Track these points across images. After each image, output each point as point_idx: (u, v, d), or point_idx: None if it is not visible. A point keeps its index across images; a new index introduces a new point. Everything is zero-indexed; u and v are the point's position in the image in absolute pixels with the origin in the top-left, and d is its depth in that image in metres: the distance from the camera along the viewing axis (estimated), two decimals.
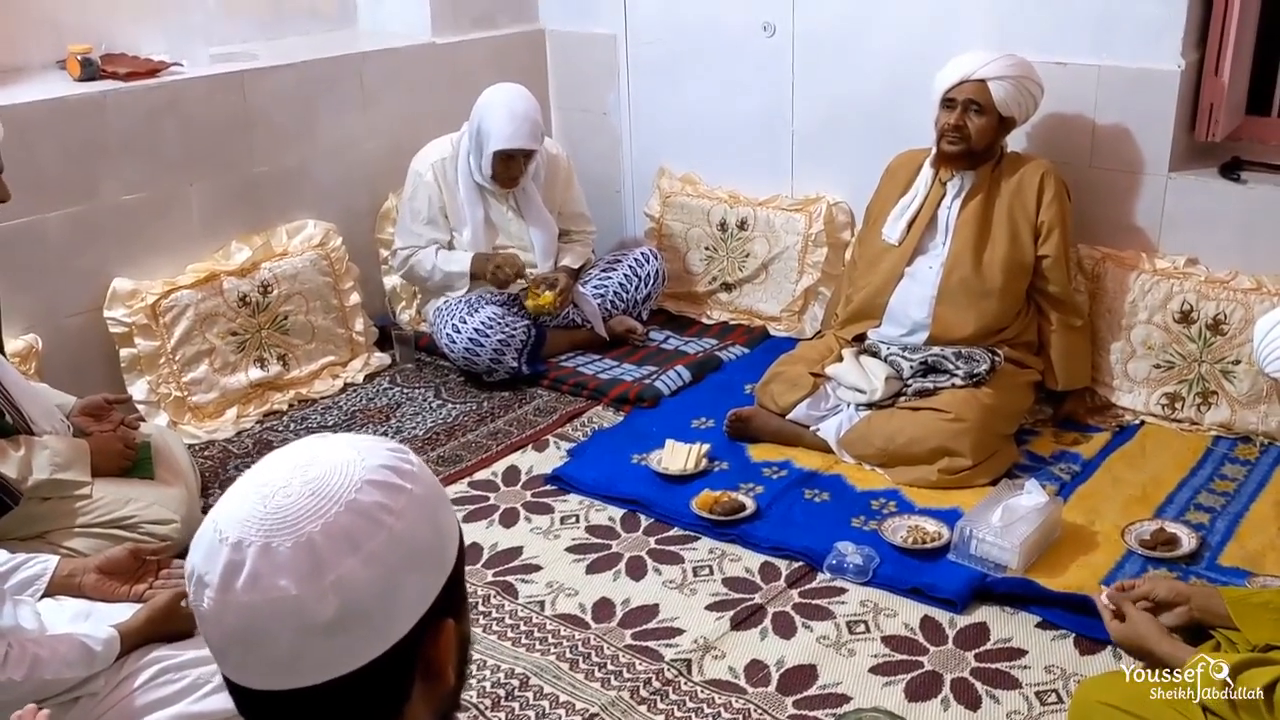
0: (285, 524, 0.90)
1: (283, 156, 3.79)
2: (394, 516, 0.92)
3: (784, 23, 3.93)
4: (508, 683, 2.37)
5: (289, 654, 0.89)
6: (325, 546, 0.89)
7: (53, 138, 3.18)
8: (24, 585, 2.08)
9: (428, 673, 0.97)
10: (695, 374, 3.71)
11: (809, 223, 3.97)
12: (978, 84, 3.14)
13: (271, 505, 0.91)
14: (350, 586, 0.89)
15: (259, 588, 0.88)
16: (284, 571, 0.88)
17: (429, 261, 3.79)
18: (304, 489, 0.91)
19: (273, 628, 0.89)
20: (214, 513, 0.94)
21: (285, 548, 0.89)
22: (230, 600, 0.89)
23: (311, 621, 0.88)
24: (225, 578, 0.89)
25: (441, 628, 0.96)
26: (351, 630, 0.90)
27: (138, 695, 1.93)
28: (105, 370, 3.39)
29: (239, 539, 0.90)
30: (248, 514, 0.91)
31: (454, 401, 3.66)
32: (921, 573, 2.64)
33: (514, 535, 2.92)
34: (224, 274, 3.57)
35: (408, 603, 0.93)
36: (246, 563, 0.89)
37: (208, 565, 0.91)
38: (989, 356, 3.17)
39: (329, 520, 0.90)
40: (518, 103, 3.66)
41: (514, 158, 3.67)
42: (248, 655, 0.91)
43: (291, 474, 0.93)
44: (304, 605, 0.88)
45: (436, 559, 0.96)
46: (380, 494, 0.92)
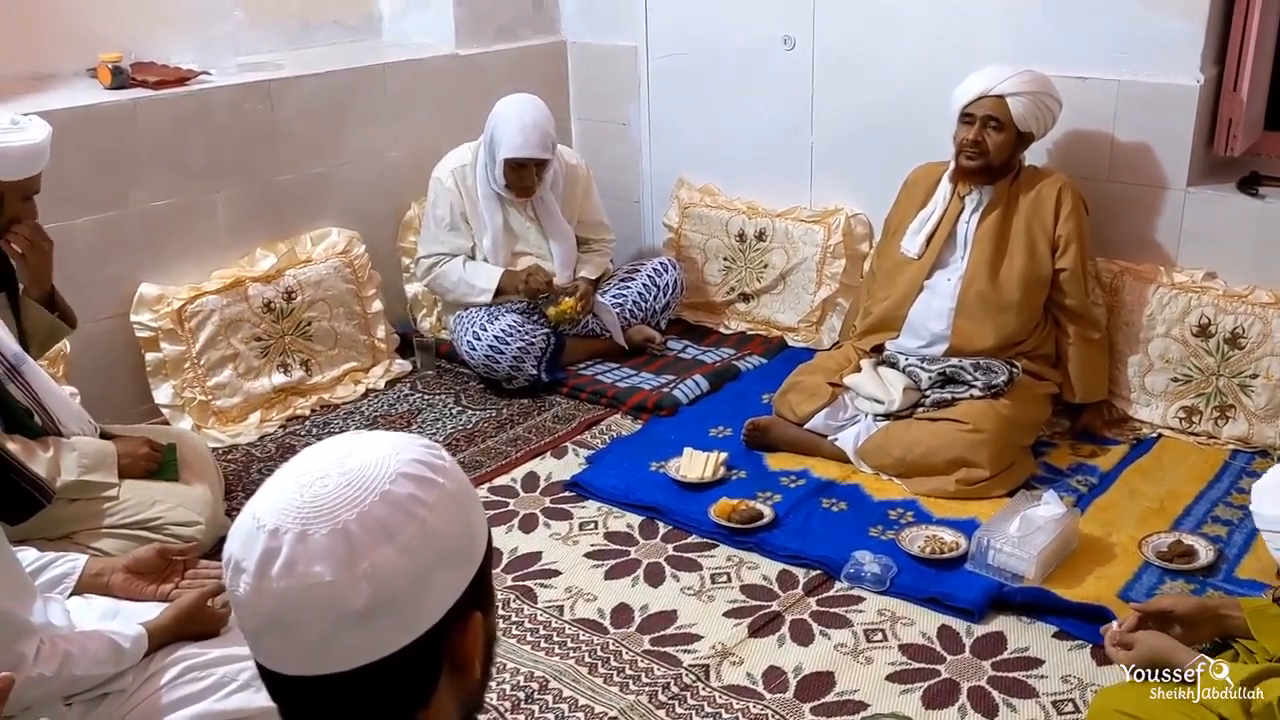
0: (321, 513, 0.92)
1: (308, 165, 3.83)
2: (426, 509, 0.94)
3: (804, 36, 3.96)
4: (527, 685, 2.39)
5: (321, 640, 0.91)
6: (360, 535, 0.91)
7: (83, 145, 3.23)
8: (53, 583, 2.10)
9: (455, 665, 0.99)
10: (713, 383, 3.73)
11: (827, 234, 3.99)
12: (996, 99, 3.16)
13: (308, 495, 0.93)
14: (383, 575, 0.91)
15: (295, 574, 0.90)
16: (319, 558, 0.90)
17: (455, 273, 3.83)
18: (340, 479, 0.94)
19: (306, 614, 0.91)
20: (252, 502, 0.97)
21: (321, 535, 0.91)
22: (266, 586, 0.91)
23: (344, 608, 0.90)
24: (262, 564, 0.91)
25: (469, 621, 0.98)
26: (382, 618, 0.91)
27: (164, 692, 1.95)
28: (131, 374, 3.44)
29: (276, 526, 0.92)
30: (285, 503, 0.93)
31: (474, 408, 3.70)
32: (939, 582, 2.65)
33: (533, 540, 2.95)
34: (249, 280, 3.61)
35: (437, 594, 0.95)
36: (283, 549, 0.91)
37: (245, 552, 0.93)
38: (1007, 368, 3.19)
39: (364, 510, 0.92)
40: (528, 113, 3.70)
41: (525, 167, 3.71)
42: (282, 641, 0.93)
43: (329, 465, 0.95)
44: (338, 592, 0.90)
45: (466, 553, 0.98)
46: (414, 486, 0.95)
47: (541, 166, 3.75)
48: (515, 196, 3.79)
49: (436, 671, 0.98)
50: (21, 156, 2.58)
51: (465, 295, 3.84)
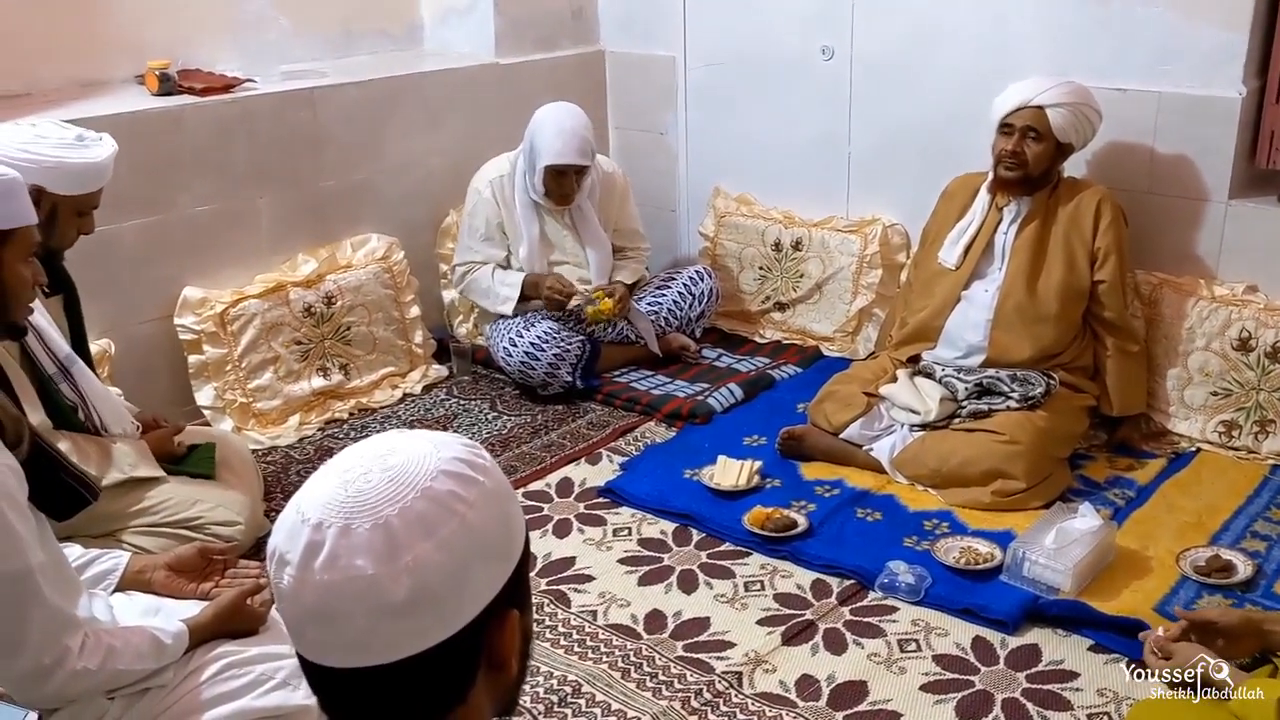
0: (364, 507, 0.94)
1: (349, 171, 3.88)
2: (466, 506, 0.96)
3: (842, 47, 3.97)
4: (560, 689, 2.41)
5: (362, 632, 0.93)
6: (401, 530, 0.93)
7: (130, 150, 3.26)
8: (97, 579, 2.14)
9: (492, 662, 1.00)
10: (748, 392, 3.74)
11: (864, 244, 3.99)
12: (1036, 110, 3.15)
13: (352, 490, 0.95)
14: (423, 569, 0.93)
15: (337, 567, 0.92)
16: (361, 552, 0.92)
17: (484, 281, 3.87)
18: (383, 475, 0.96)
19: (348, 606, 0.92)
20: (297, 496, 0.99)
21: (364, 529, 0.93)
22: (309, 578, 0.93)
23: (385, 601, 0.92)
24: (305, 557, 0.93)
25: (506, 618, 1.00)
26: (422, 612, 0.93)
27: (204, 689, 1.98)
28: (173, 376, 3.49)
29: (319, 520, 0.94)
30: (329, 497, 0.95)
31: (509, 414, 3.72)
32: (974, 593, 2.64)
33: (567, 546, 2.96)
34: (290, 285, 3.66)
35: (475, 590, 0.97)
36: (326, 543, 0.93)
37: (289, 545, 0.95)
38: (1044, 380, 3.17)
39: (405, 505, 0.94)
40: (567, 120, 3.73)
41: (565, 174, 3.73)
42: (323, 633, 0.94)
43: (372, 461, 0.98)
44: (379, 585, 0.92)
45: (504, 550, 1.00)
46: (454, 483, 0.97)
47: (581, 174, 3.78)
48: (554, 205, 3.81)
49: (474, 668, 0.99)
50: (80, 173, 2.62)
51: (492, 304, 3.87)
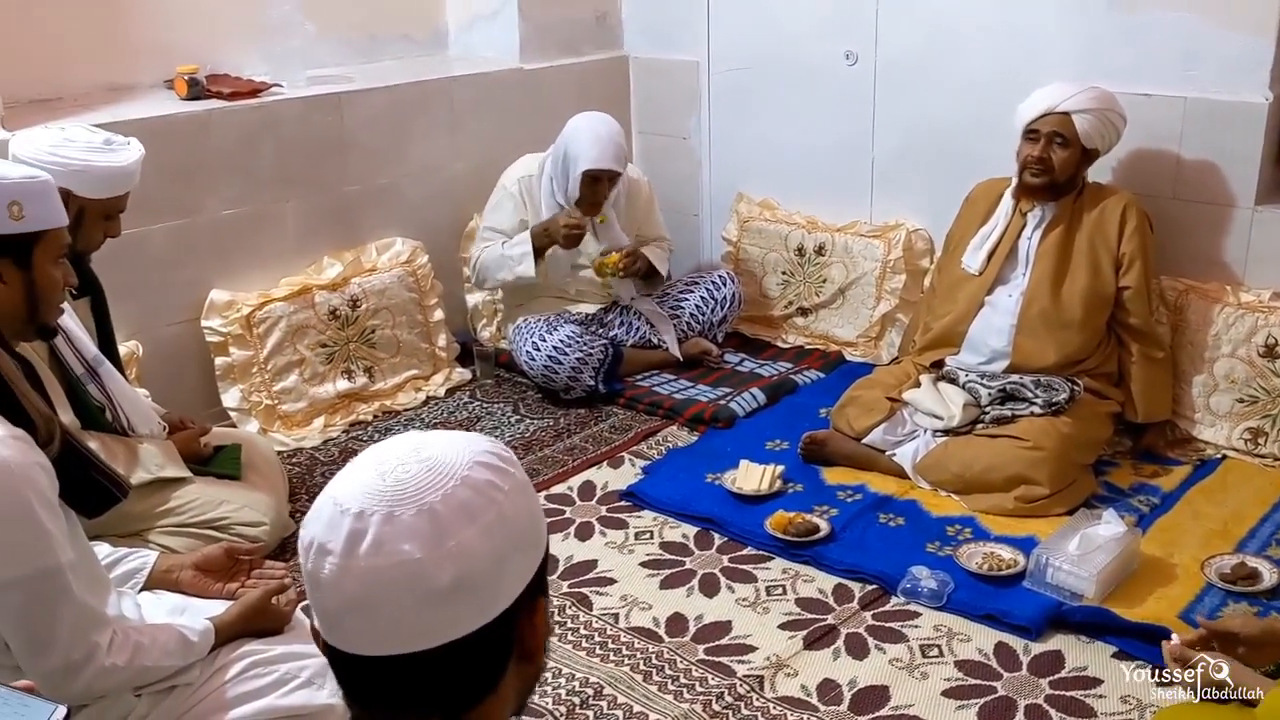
0: (406, 495, 0.95)
1: (374, 175, 3.91)
2: (502, 495, 0.98)
3: (866, 52, 3.97)
4: (582, 691, 2.41)
5: (404, 618, 0.94)
6: (446, 515, 0.94)
7: (159, 154, 3.29)
8: (125, 578, 2.17)
9: (523, 652, 1.02)
10: (770, 396, 3.74)
11: (888, 249, 3.99)
12: (1061, 116, 3.15)
13: (391, 479, 0.96)
14: (467, 555, 0.94)
15: (383, 552, 0.93)
16: (407, 537, 0.93)
17: (494, 252, 3.86)
18: (421, 466, 0.97)
19: (393, 591, 0.93)
20: (330, 490, 0.99)
21: (408, 516, 0.94)
22: (353, 565, 0.94)
23: (430, 586, 0.93)
24: (349, 544, 0.94)
25: (536, 607, 1.02)
26: (464, 598, 0.94)
27: (229, 687, 2.00)
28: (200, 377, 3.52)
29: (361, 509, 0.95)
30: (368, 487, 0.96)
31: (531, 417, 3.73)
32: (996, 599, 2.64)
33: (589, 549, 2.97)
34: (316, 288, 3.69)
35: (511, 577, 0.98)
36: (370, 530, 0.93)
37: (329, 534, 0.95)
38: (1068, 386, 3.16)
39: (448, 492, 0.95)
40: (602, 127, 3.75)
41: (600, 180, 3.75)
42: (365, 620, 0.95)
43: (406, 454, 0.99)
44: (425, 569, 0.93)
45: (534, 538, 1.02)
46: (490, 473, 0.99)
47: (613, 181, 3.79)
48: (584, 213, 3.82)
49: (507, 657, 1.01)
50: (106, 177, 2.65)
51: (509, 272, 3.83)
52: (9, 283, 1.83)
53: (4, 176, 1.84)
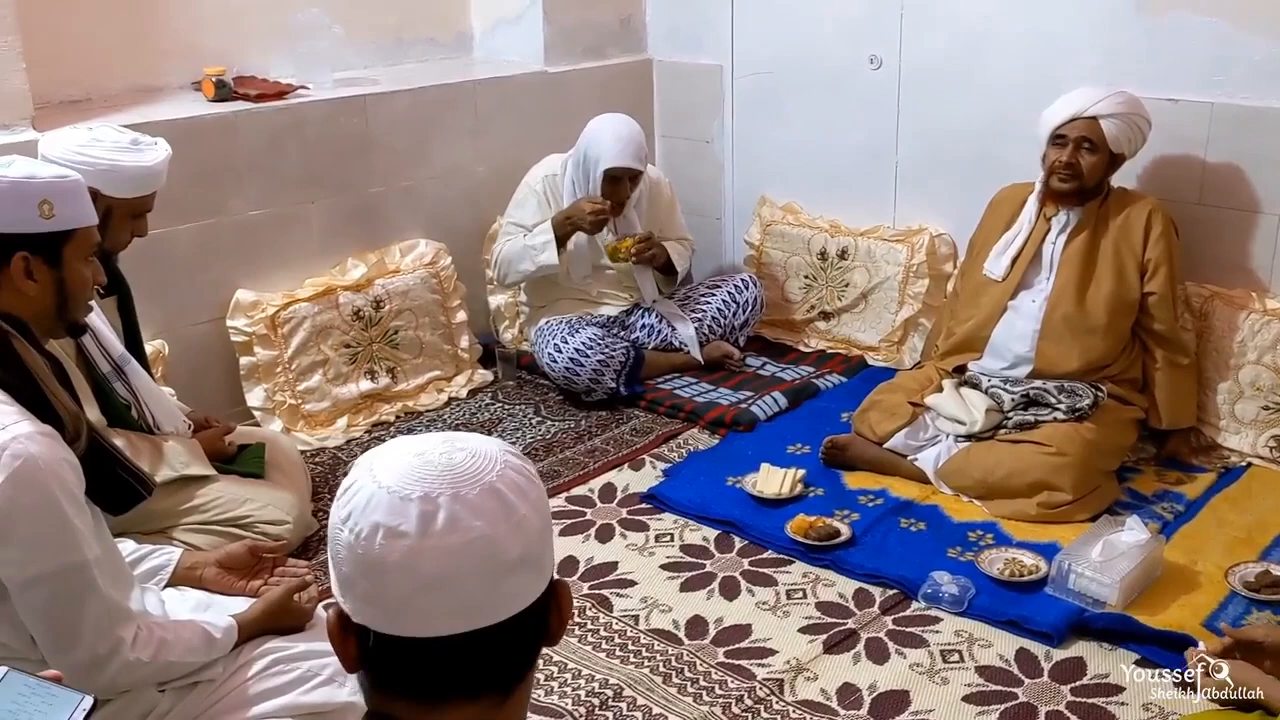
0: (465, 477, 0.99)
1: (398, 177, 3.93)
2: (536, 481, 1.04)
3: (890, 56, 3.96)
4: (602, 692, 2.42)
5: (480, 591, 0.97)
6: (506, 492, 0.99)
7: (186, 155, 3.32)
8: (149, 574, 2.18)
9: (551, 634, 1.07)
10: (792, 400, 3.73)
11: (910, 254, 3.98)
12: (1089, 121, 3.13)
13: (443, 465, 0.99)
14: (527, 528, 0.99)
15: (459, 528, 0.96)
16: (478, 513, 0.97)
17: (515, 245, 3.85)
18: (465, 454, 1.01)
19: (470, 566, 0.96)
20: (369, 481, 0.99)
21: (474, 494, 0.98)
22: (428, 544, 0.95)
23: (503, 559, 0.97)
24: (423, 524, 0.96)
25: (561, 587, 1.06)
26: (527, 570, 1.00)
27: (251, 684, 2.01)
28: (225, 377, 3.55)
29: (426, 492, 0.97)
30: (423, 473, 0.98)
31: (553, 419, 3.74)
32: (1018, 605, 2.63)
33: (609, 550, 2.98)
34: (340, 289, 3.71)
35: (550, 555, 1.05)
36: (441, 510, 0.96)
37: (396, 518, 0.96)
38: (1092, 392, 3.15)
39: (499, 473, 1.00)
40: (623, 127, 3.77)
41: (620, 181, 3.76)
42: (438, 599, 0.96)
43: (443, 445, 1.02)
44: (498, 542, 0.97)
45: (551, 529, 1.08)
46: (519, 461, 1.04)
47: (634, 181, 3.80)
48: (611, 214, 3.83)
49: (545, 633, 1.05)
50: (133, 176, 2.66)
51: (531, 262, 3.82)
52: (39, 281, 1.85)
53: (35, 176, 1.85)
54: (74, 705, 1.32)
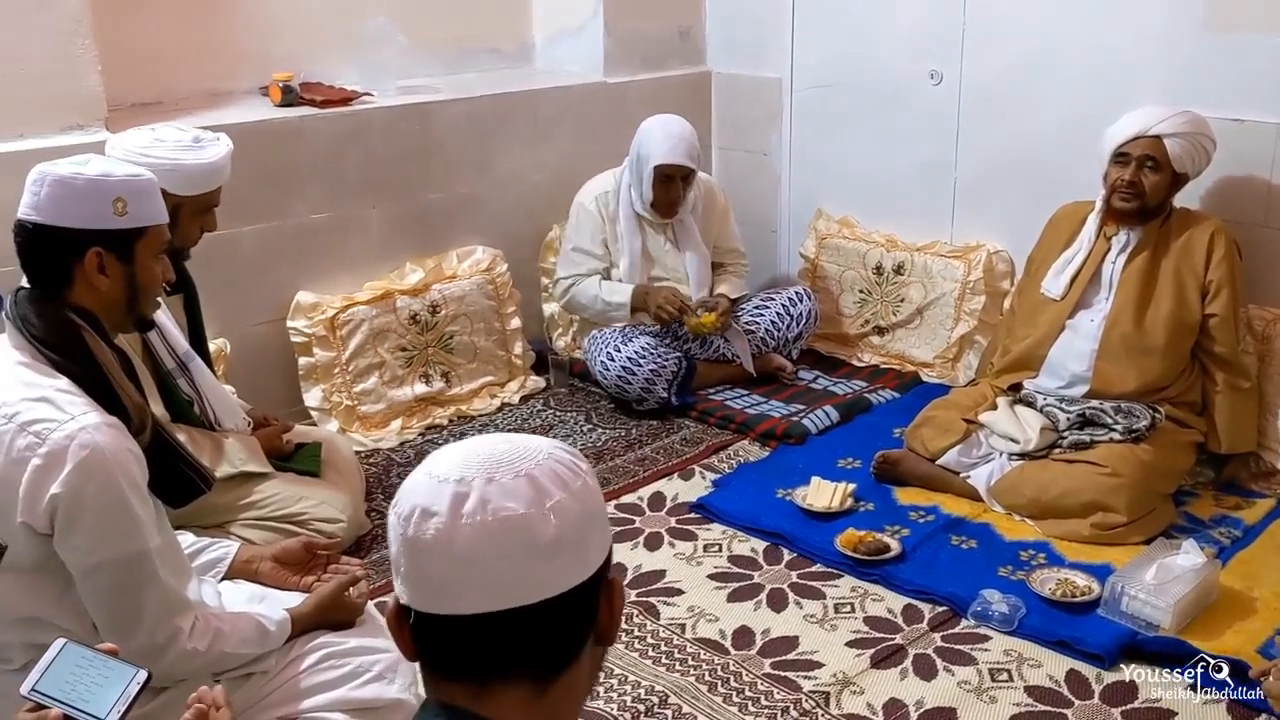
0: (503, 464, 1.03)
1: (457, 184, 3.98)
2: (584, 473, 1.07)
3: (951, 71, 3.95)
4: (647, 699, 2.43)
5: (511, 572, 1.00)
6: (542, 479, 1.02)
7: (252, 158, 3.40)
8: (207, 567, 2.23)
9: (599, 631, 1.08)
10: (843, 414, 3.72)
11: (968, 270, 3.96)
12: (1153, 140, 3.09)
13: (485, 453, 1.04)
14: (565, 513, 1.01)
15: (489, 509, 1.00)
16: (510, 496, 1.00)
17: (591, 290, 3.92)
18: (510, 445, 1.06)
19: (501, 545, 0.99)
20: (423, 469, 1.05)
21: (508, 479, 1.01)
22: (459, 524, 0.99)
23: (535, 540, 1.00)
24: (454, 504, 1.00)
25: (614, 585, 1.08)
26: (563, 554, 1.01)
27: (303, 677, 2.04)
28: (284, 376, 3.61)
29: (461, 476, 1.02)
30: (464, 461, 1.03)
31: (604, 427, 3.76)
32: (1069, 626, 2.60)
33: (657, 559, 2.99)
34: (398, 293, 3.76)
35: (596, 544, 1.05)
36: (473, 492, 1.00)
37: (431, 500, 1.01)
38: (1149, 413, 3.11)
39: (539, 462, 1.04)
40: (673, 125, 3.80)
41: (672, 179, 3.78)
42: (470, 576, 0.99)
43: (493, 440, 1.07)
44: (531, 523, 1.00)
45: (606, 520, 1.10)
46: (570, 456, 1.08)
47: (687, 181, 3.82)
48: (660, 216, 3.86)
49: (589, 626, 1.06)
50: (196, 174, 2.70)
51: (602, 312, 3.91)
52: (111, 276, 1.90)
53: (109, 174, 1.90)
54: (129, 678, 1.36)
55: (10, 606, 1.85)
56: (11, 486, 1.76)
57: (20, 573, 1.83)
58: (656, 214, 3.86)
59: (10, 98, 3.04)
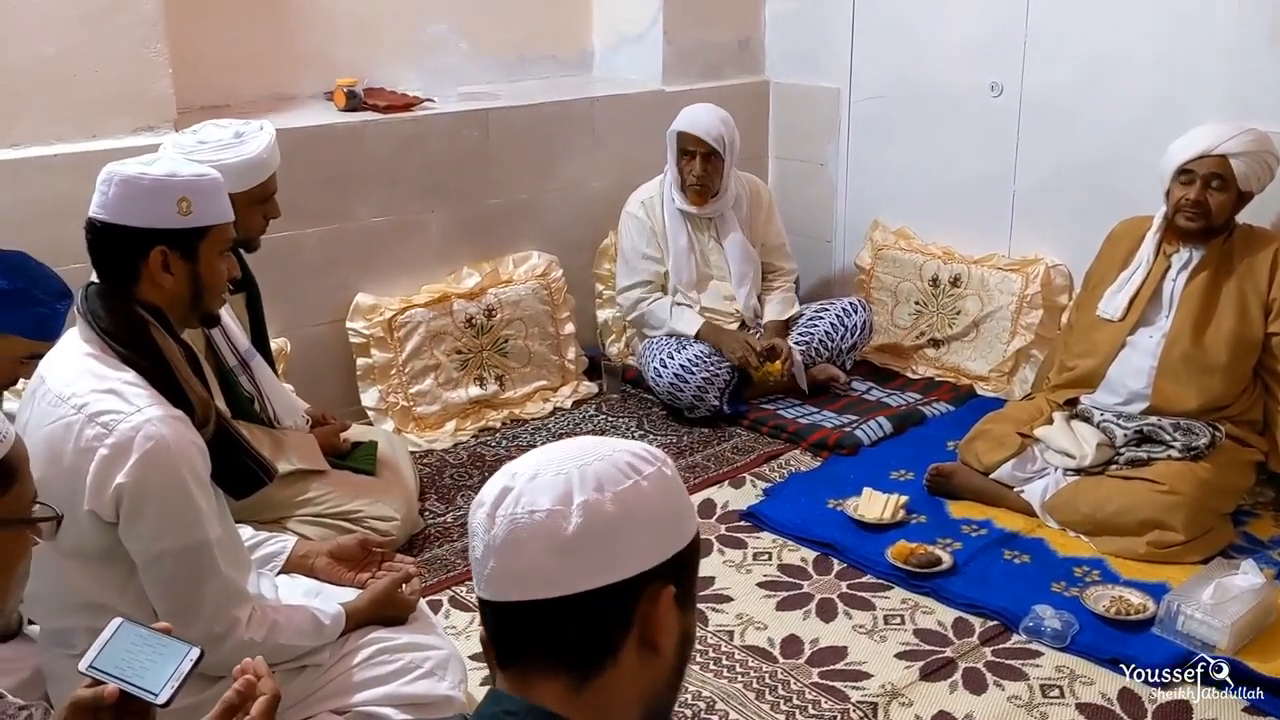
0: (552, 462, 1.08)
1: (515, 190, 4.02)
2: (641, 477, 1.07)
3: (1011, 83, 3.92)
4: (694, 704, 2.43)
5: (535, 565, 1.04)
6: (578, 480, 1.06)
7: (316, 161, 3.48)
8: (265, 560, 2.27)
9: (644, 637, 1.05)
10: (897, 426, 3.70)
11: (1025, 283, 3.92)
12: (1219, 159, 3.04)
13: (547, 453, 1.11)
14: (592, 512, 1.04)
15: (521, 503, 1.05)
16: (542, 493, 1.05)
17: (661, 314, 3.93)
18: (574, 445, 1.12)
19: (525, 537, 1.04)
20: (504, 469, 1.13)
21: (547, 477, 1.06)
22: (496, 514, 1.06)
23: (556, 536, 1.03)
24: (498, 497, 1.07)
25: (660, 593, 1.05)
26: (586, 552, 1.03)
27: (356, 671, 2.08)
28: (342, 376, 3.66)
29: (515, 472, 1.09)
30: (532, 458, 1.11)
31: (655, 433, 3.78)
32: (1123, 644, 2.57)
33: (707, 566, 2.99)
34: (454, 296, 3.81)
35: (636, 549, 1.05)
36: (516, 487, 1.07)
37: (488, 491, 1.09)
38: (1209, 431, 3.06)
39: (585, 465, 1.07)
40: (702, 108, 3.89)
41: (693, 156, 3.81)
42: (504, 564, 1.05)
43: (578, 439, 1.14)
44: (553, 520, 1.04)
45: (670, 528, 1.08)
46: (634, 459, 1.09)
47: (710, 164, 3.82)
48: (691, 202, 3.87)
49: (624, 630, 1.05)
50: (243, 169, 2.70)
51: (666, 333, 3.93)
52: (175, 274, 1.93)
53: (175, 174, 1.94)
54: (182, 655, 1.39)
55: (76, 592, 1.91)
56: (79, 475, 1.81)
57: (86, 560, 1.88)
58: (688, 200, 3.88)
59: (83, 98, 3.12)
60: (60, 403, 1.85)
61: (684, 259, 3.94)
